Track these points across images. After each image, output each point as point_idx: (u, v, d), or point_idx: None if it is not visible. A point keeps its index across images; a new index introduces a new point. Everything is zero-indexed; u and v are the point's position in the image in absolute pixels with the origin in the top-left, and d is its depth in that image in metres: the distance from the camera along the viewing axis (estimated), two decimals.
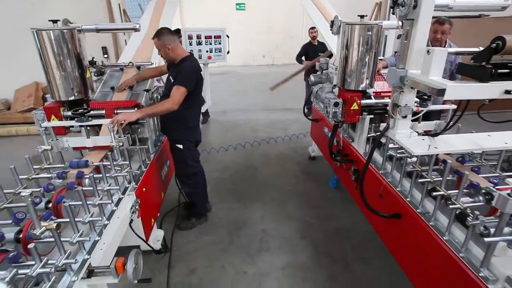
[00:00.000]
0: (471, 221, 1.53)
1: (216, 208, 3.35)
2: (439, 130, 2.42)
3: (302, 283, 2.46)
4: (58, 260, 1.31)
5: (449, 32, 3.04)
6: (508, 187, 1.37)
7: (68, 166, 2.00)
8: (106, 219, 1.75)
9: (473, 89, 1.60)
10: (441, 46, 3.14)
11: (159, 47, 2.59)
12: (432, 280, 1.85)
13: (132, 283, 1.53)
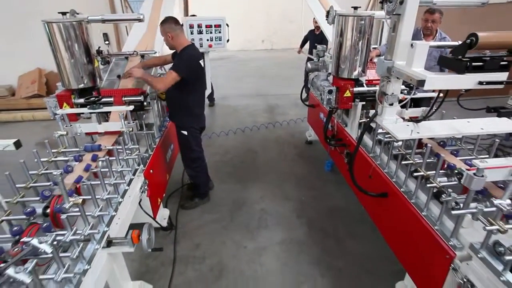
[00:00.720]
0: (445, 197, 1.74)
1: (218, 189, 3.57)
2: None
3: (297, 256, 2.70)
4: (83, 230, 1.51)
5: (440, 21, 3.17)
6: (475, 168, 1.56)
7: (83, 150, 2.18)
8: (120, 197, 1.95)
9: (450, 80, 1.77)
10: (431, 35, 3.28)
11: (162, 34, 2.74)
12: (411, 250, 2.08)
13: (146, 252, 1.75)
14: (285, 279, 2.48)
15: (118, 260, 1.94)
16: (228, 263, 2.63)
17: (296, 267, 2.59)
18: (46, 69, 6.11)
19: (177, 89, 2.76)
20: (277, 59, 11.07)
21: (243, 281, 2.47)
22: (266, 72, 9.35)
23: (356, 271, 2.56)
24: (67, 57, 2.47)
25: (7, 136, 5.23)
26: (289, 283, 2.45)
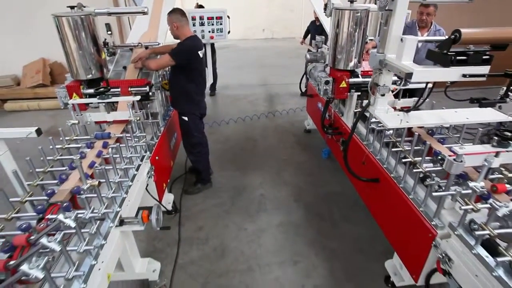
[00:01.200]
0: (429, 181, 1.90)
1: (219, 176, 3.74)
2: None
3: (294, 237, 2.88)
4: (99, 210, 1.68)
5: (434, 14, 3.26)
6: (454, 154, 1.71)
7: (94, 137, 2.33)
8: (130, 180, 2.11)
9: (436, 73, 1.90)
10: (426, 27, 3.38)
11: (168, 23, 2.88)
12: (399, 230, 2.25)
13: (155, 229, 1.92)
14: (282, 257, 2.67)
15: (129, 238, 2.12)
16: (230, 244, 2.82)
17: (292, 247, 2.78)
18: (50, 59, 6.20)
19: (178, 77, 2.95)
20: (277, 48, 11.10)
21: (244, 259, 2.66)
22: (267, 61, 9.41)
23: (349, 251, 2.74)
24: (76, 49, 2.59)
25: (14, 125, 5.37)
26: (286, 261, 2.64)
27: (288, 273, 2.54)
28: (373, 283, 2.47)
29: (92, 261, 1.52)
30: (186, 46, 2.90)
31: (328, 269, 2.57)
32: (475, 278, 1.58)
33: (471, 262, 1.59)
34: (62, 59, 6.22)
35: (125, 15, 5.56)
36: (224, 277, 2.51)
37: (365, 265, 2.60)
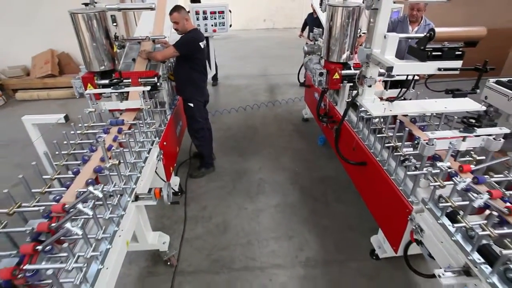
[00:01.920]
0: (407, 163, 2.15)
1: (221, 161, 4.01)
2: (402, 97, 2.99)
3: (290, 216, 3.17)
4: (119, 185, 1.95)
5: (424, 9, 3.46)
6: (427, 138, 1.96)
7: (109, 124, 2.58)
8: (143, 162, 2.38)
9: (415, 67, 2.14)
10: (417, 22, 3.58)
11: (178, 19, 3.11)
12: (383, 208, 2.52)
13: (166, 204, 2.20)
14: (278, 233, 2.96)
15: (142, 213, 2.41)
16: (231, 221, 3.11)
17: (288, 224, 3.06)
18: (58, 50, 6.41)
19: (183, 67, 3.23)
20: (278, 38, 11.22)
21: (244, 235, 2.95)
22: (268, 52, 9.57)
23: (339, 228, 3.03)
24: (90, 43, 2.82)
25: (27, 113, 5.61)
26: (282, 237, 2.93)
27: (284, 246, 2.83)
28: (360, 255, 2.75)
29: (114, 228, 1.80)
30: (189, 38, 3.14)
31: (320, 244, 2.86)
32: (440, 244, 1.85)
33: (438, 230, 1.86)
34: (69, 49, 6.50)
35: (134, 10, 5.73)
36: (226, 250, 2.80)
37: (354, 240, 2.89)
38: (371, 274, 2.59)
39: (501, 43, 6.74)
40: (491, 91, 3.89)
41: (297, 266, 2.65)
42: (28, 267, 1.33)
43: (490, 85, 3.91)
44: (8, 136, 4.85)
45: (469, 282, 1.63)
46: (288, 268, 2.63)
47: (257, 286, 2.49)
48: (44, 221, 1.54)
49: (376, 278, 2.56)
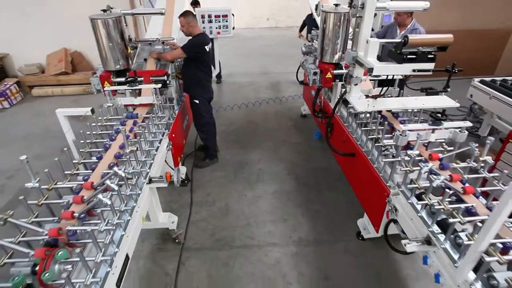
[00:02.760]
0: (385, 152, 2.47)
1: (224, 153, 4.35)
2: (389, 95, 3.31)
3: (285, 202, 3.50)
4: (136, 168, 2.29)
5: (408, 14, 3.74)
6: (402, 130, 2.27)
7: (125, 117, 2.92)
8: (155, 150, 2.72)
9: (392, 68, 2.45)
10: (404, 26, 3.86)
11: (184, 24, 3.44)
12: (367, 194, 2.84)
13: (176, 186, 2.53)
14: (275, 216, 3.30)
15: (155, 195, 2.75)
16: (233, 206, 3.45)
17: (283, 209, 3.39)
18: (71, 48, 6.77)
19: (190, 67, 3.57)
20: (280, 37, 11.50)
21: (244, 218, 3.29)
22: (270, 50, 9.87)
23: (329, 212, 3.35)
24: (107, 44, 3.16)
25: (42, 108, 6.04)
26: (278, 219, 3.26)
27: (279, 227, 3.16)
28: (347, 236, 3.07)
29: (133, 203, 2.14)
30: (195, 42, 3.46)
31: (311, 226, 3.19)
32: (410, 221, 2.16)
33: (408, 209, 2.17)
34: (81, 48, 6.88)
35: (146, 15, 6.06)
36: (227, 230, 3.14)
37: (342, 224, 3.21)
38: (357, 253, 2.91)
39: (495, 44, 6.99)
40: (475, 89, 4.19)
41: (290, 244, 2.98)
42: (69, 227, 1.67)
43: (475, 84, 4.20)
44: (26, 130, 5.23)
45: (429, 250, 1.94)
46: (282, 246, 2.96)
47: (254, 260, 2.82)
48: (77, 196, 1.88)
49: (361, 256, 2.88)
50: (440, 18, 6.64)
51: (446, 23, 6.67)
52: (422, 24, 5.11)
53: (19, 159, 1.84)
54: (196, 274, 2.71)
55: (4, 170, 4.13)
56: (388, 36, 3.90)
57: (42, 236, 1.65)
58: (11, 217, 1.66)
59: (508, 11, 6.60)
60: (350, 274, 2.70)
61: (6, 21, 6.28)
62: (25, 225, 1.68)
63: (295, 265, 2.78)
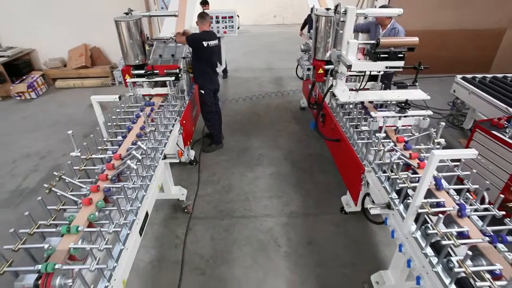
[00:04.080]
0: (362, 135, 2.94)
1: (229, 140, 4.86)
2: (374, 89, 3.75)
3: (280, 182, 3.99)
4: (154, 145, 2.81)
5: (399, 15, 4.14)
6: (373, 116, 2.73)
7: (143, 105, 3.45)
8: (169, 132, 3.24)
9: (368, 65, 2.91)
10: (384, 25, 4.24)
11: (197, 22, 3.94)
12: (348, 173, 3.31)
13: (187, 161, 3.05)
14: (271, 194, 3.79)
15: (168, 170, 3.28)
16: (235, 184, 3.96)
17: (278, 188, 3.89)
18: (90, 44, 7.34)
19: (196, 61, 4.07)
20: (286, 34, 11.90)
21: (244, 194, 3.79)
22: (276, 47, 10.31)
23: (319, 191, 3.83)
24: (129, 42, 3.68)
25: (65, 99, 6.64)
26: (273, 196, 3.76)
27: (274, 202, 3.66)
28: (332, 211, 3.55)
29: (151, 173, 2.66)
30: (194, 36, 3.92)
31: (302, 202, 3.68)
32: (378, 192, 2.63)
33: (376, 181, 2.64)
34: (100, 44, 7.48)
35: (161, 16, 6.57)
36: (229, 203, 3.66)
37: (329, 201, 3.68)
38: (339, 223, 3.39)
39: (490, 43, 7.29)
40: (458, 85, 4.61)
41: (282, 216, 3.48)
42: (105, 185, 2.20)
43: (457, 81, 4.62)
44: (52, 117, 5.82)
45: (389, 213, 2.42)
46: (275, 217, 3.46)
47: (251, 228, 3.33)
48: (109, 163, 2.41)
49: (343, 226, 3.36)
50: (435, 18, 6.99)
51: (441, 23, 7.02)
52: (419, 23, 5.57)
53: (67, 133, 2.38)
54: (202, 237, 3.23)
55: (37, 152, 4.72)
56: (371, 34, 4.29)
57: (85, 192, 2.18)
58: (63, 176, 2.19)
59: (501, 11, 6.89)
60: (331, 240, 3.19)
61: (33, 19, 6.87)
62: (74, 181, 2.22)
63: (285, 232, 3.28)
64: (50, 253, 1.72)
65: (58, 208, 2.08)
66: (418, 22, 7.04)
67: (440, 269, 1.82)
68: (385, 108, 3.50)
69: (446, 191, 2.22)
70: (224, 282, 2.79)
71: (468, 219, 2.01)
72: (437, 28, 7.06)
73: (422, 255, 1.95)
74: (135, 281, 2.78)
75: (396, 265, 2.48)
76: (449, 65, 7.13)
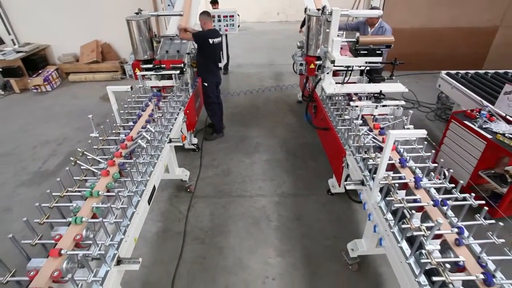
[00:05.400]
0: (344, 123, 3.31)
1: (229, 130, 5.26)
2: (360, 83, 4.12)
3: (275, 167, 4.39)
4: (160, 128, 3.22)
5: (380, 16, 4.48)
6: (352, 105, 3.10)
7: (152, 95, 3.86)
8: (174, 119, 3.65)
9: (350, 60, 3.27)
10: (373, 25, 4.60)
11: (200, 21, 4.33)
12: (333, 156, 3.69)
13: (189, 144, 3.45)
14: (265, 177, 4.20)
15: (173, 153, 3.69)
16: (233, 169, 4.37)
17: (273, 172, 4.29)
18: (101, 40, 7.78)
19: (200, 56, 4.46)
20: (289, 31, 12.22)
21: (241, 177, 4.20)
22: (278, 43, 10.66)
23: (309, 175, 4.22)
24: (138, 39, 4.09)
25: (78, 91, 7.10)
26: (267, 179, 4.16)
27: (267, 184, 4.07)
28: (320, 192, 3.94)
29: (159, 153, 3.07)
30: (201, 33, 4.30)
31: (293, 184, 4.07)
32: (355, 171, 3.01)
33: (353, 162, 3.02)
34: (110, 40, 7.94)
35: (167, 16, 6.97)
36: (228, 185, 4.07)
37: (318, 184, 4.07)
38: (325, 203, 3.78)
39: (483, 40, 7.56)
40: (442, 80, 4.94)
41: (274, 196, 3.88)
42: (119, 160, 2.61)
43: (442, 76, 4.95)
44: (67, 108, 6.28)
45: (362, 188, 2.80)
46: (268, 197, 3.87)
47: (246, 206, 3.74)
48: (123, 143, 2.82)
49: (328, 205, 3.75)
50: (430, 16, 7.29)
51: (436, 21, 7.31)
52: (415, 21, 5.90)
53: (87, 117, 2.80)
54: (202, 212, 3.65)
55: (54, 139, 5.18)
56: (360, 32, 4.64)
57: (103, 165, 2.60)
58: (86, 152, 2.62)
59: (494, 10, 7.16)
60: (316, 217, 3.58)
61: (48, 17, 7.33)
62: (94, 157, 2.64)
63: (276, 209, 3.68)
64: (77, 211, 2.14)
65: (82, 178, 2.50)
66: (413, 20, 7.36)
67: (396, 230, 2.21)
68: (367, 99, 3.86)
69: (409, 168, 2.59)
70: (220, 249, 3.21)
71: (424, 190, 2.39)
72: (432, 26, 7.35)
73: (384, 220, 2.33)
74: (144, 248, 3.21)
75: (367, 234, 2.87)
76: (444, 62, 7.42)
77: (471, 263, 1.80)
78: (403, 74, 7.27)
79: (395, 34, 3.37)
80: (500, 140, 3.25)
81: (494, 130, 3.40)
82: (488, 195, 3.49)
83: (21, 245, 1.74)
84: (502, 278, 1.72)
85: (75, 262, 1.89)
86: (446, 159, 3.85)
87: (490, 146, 3.31)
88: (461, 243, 1.90)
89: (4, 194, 3.98)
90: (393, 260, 2.21)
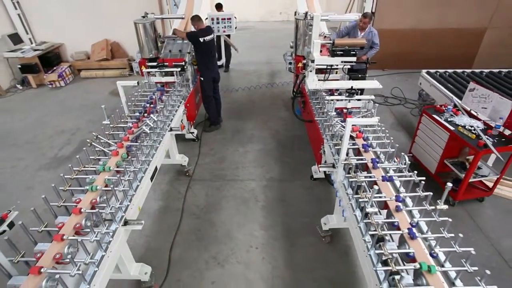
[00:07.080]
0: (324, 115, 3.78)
1: (226, 123, 5.76)
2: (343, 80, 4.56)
3: (266, 156, 4.87)
4: (162, 118, 3.72)
5: (369, 22, 4.91)
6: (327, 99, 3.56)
7: (156, 90, 4.36)
8: (175, 111, 4.15)
9: (328, 60, 3.73)
10: (364, 30, 5.03)
11: (193, 24, 4.81)
12: (315, 144, 4.16)
13: (187, 133, 3.95)
14: (256, 163, 4.68)
15: (173, 141, 4.20)
16: (228, 157, 4.86)
17: (263, 159, 4.77)
18: (111, 39, 8.32)
19: (197, 54, 4.91)
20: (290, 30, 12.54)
21: (235, 164, 4.70)
22: (278, 42, 11.08)
23: (296, 163, 4.69)
24: (145, 39, 4.60)
25: (89, 87, 7.66)
26: (258, 166, 4.64)
27: (258, 170, 4.55)
28: (304, 178, 4.40)
29: (160, 139, 3.57)
30: (193, 33, 4.76)
31: (281, 171, 4.55)
32: (330, 157, 3.48)
33: (328, 148, 3.49)
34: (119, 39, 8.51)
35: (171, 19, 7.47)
36: (222, 170, 4.57)
37: (302, 170, 4.54)
38: (308, 186, 4.25)
39: (472, 40, 7.90)
40: (422, 79, 5.36)
41: (263, 180, 4.37)
42: (127, 143, 3.12)
43: (422, 74, 5.37)
44: (79, 102, 6.84)
45: (333, 170, 3.26)
46: (257, 181, 4.35)
47: (237, 188, 4.23)
48: (130, 129, 3.33)
49: (310, 189, 4.22)
50: (420, 18, 7.66)
51: (426, 22, 7.68)
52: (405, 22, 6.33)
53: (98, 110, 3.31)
54: (198, 193, 4.16)
55: (69, 129, 5.73)
56: (351, 36, 5.08)
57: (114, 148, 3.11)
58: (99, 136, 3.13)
59: (482, 11, 7.50)
60: (299, 198, 4.06)
61: (61, 17, 7.89)
62: (106, 140, 3.15)
63: (264, 192, 4.17)
64: (92, 181, 2.66)
65: (96, 158, 3.01)
66: (404, 21, 7.74)
67: (353, 202, 2.68)
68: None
69: (373, 152, 3.04)
70: (213, 223, 3.71)
71: (381, 170, 2.84)
72: (422, 27, 7.72)
73: (345, 194, 2.80)
74: (147, 221, 3.72)
75: (337, 209, 3.34)
76: (434, 61, 7.77)
77: (404, 223, 2.27)
78: (395, 72, 7.67)
79: (387, 35, 3.82)
80: (460, 131, 3.68)
81: (457, 123, 3.83)
82: (451, 180, 3.92)
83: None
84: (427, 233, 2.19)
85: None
86: (418, 150, 4.30)
87: (453, 137, 3.74)
88: (399, 209, 2.37)
89: (28, 176, 4.54)
90: (351, 227, 2.68)
